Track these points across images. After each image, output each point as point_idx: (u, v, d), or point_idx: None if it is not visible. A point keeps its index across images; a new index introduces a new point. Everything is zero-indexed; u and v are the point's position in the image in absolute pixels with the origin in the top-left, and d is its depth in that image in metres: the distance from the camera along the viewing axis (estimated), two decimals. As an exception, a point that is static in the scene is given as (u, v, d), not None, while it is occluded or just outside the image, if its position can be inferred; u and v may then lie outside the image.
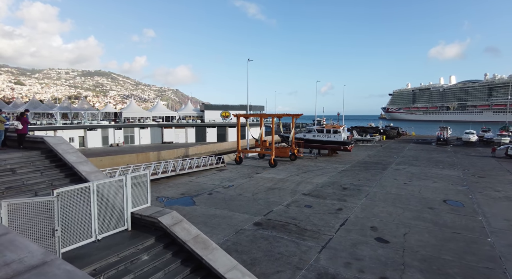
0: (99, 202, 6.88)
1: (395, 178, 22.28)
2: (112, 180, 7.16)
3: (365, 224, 12.93)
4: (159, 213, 7.35)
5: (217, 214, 14.50)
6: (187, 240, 6.77)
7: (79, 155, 9.48)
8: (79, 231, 6.52)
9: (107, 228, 7.07)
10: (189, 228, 7.13)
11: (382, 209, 15.01)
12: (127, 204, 7.41)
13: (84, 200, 6.60)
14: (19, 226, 5.47)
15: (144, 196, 7.94)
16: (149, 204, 8.03)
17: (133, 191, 7.60)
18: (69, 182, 8.91)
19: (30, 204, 5.49)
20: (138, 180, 7.77)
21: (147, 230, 7.47)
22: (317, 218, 13.79)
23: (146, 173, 7.92)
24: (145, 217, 7.33)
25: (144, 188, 7.95)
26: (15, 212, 5.41)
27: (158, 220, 7.06)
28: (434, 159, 31.16)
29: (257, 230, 12.30)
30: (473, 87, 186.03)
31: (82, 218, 6.59)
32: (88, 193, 6.67)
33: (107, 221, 7.07)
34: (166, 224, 7.02)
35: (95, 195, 6.74)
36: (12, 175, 8.37)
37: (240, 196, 17.65)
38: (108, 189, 7.10)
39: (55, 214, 5.73)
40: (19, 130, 10.42)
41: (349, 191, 18.62)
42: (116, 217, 7.28)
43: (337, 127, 33.57)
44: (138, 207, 7.75)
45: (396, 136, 59.02)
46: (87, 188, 6.65)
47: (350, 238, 11.45)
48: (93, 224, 6.74)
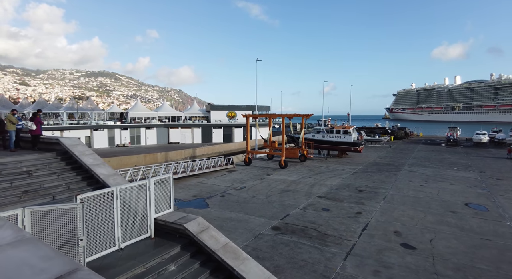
0: (122, 208, 6.47)
1: (410, 180, 21.72)
2: (135, 184, 6.75)
3: (388, 229, 12.44)
4: (184, 220, 6.93)
5: (233, 217, 14.08)
6: (216, 249, 6.34)
7: (96, 157, 9.09)
8: (102, 239, 6.12)
9: (130, 236, 6.66)
10: (216, 235, 6.70)
11: (403, 212, 14.50)
12: (150, 209, 7.00)
13: (107, 206, 6.20)
14: (42, 234, 5.07)
15: (166, 201, 7.53)
16: (172, 209, 7.62)
17: (156, 196, 7.19)
18: (86, 186, 8.53)
19: (53, 211, 5.09)
20: (161, 183, 7.36)
21: (171, 237, 7.06)
22: (336, 222, 13.32)
23: (169, 176, 7.51)
24: (170, 224, 6.91)
25: (166, 192, 7.54)
26: (38, 219, 5.02)
27: (184, 227, 6.64)
28: (446, 160, 30.51)
29: (276, 235, 11.86)
30: (478, 88, 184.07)
31: (105, 225, 6.19)
32: (111, 198, 6.27)
33: (130, 228, 6.67)
34: (193, 231, 6.60)
35: (118, 201, 6.34)
36: (28, 178, 8.00)
37: (253, 198, 17.21)
38: (130, 194, 6.69)
39: (80, 221, 5.32)
40: (32, 131, 10.07)
41: (365, 193, 18.11)
42: (139, 223, 6.87)
43: (347, 128, 33.03)
44: (161, 212, 7.34)
45: (404, 137, 58.27)
46: (110, 193, 6.25)
47: (374, 244, 10.97)
48: (116, 231, 6.33)
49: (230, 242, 6.68)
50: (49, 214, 5.06)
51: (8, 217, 4.70)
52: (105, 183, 8.23)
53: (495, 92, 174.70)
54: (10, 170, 8.05)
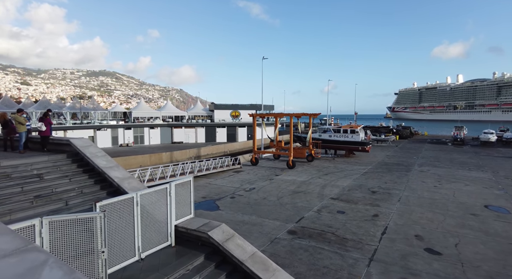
0: (142, 215, 6.03)
1: (422, 180, 21.24)
2: (156, 189, 6.31)
3: (408, 232, 11.98)
4: (207, 227, 6.48)
5: (246, 220, 13.64)
6: (243, 259, 5.89)
7: (109, 159, 8.65)
8: (121, 250, 5.68)
9: (150, 245, 6.22)
10: (243, 244, 6.26)
11: (421, 215, 14.03)
12: (171, 216, 6.56)
13: (126, 213, 5.76)
14: (60, 246, 4.64)
15: (187, 206, 7.09)
16: (193, 215, 7.17)
17: (177, 201, 6.75)
18: (99, 190, 8.10)
19: (73, 221, 4.64)
20: (181, 187, 6.91)
21: (193, 245, 6.62)
22: (354, 225, 12.86)
23: (190, 180, 7.07)
24: (192, 231, 6.47)
25: (187, 196, 7.10)
26: (56, 230, 4.58)
27: (208, 235, 6.20)
28: (456, 160, 29.99)
29: (293, 239, 11.41)
30: (481, 86, 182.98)
31: (125, 234, 5.75)
32: (131, 204, 5.82)
33: (150, 236, 6.23)
34: (218, 240, 6.15)
35: (138, 207, 5.90)
36: (39, 181, 7.57)
37: (264, 200, 16.77)
38: (150, 199, 6.25)
39: (101, 232, 4.88)
40: (42, 132, 9.63)
41: (379, 194, 17.65)
42: (159, 231, 6.43)
43: (355, 127, 32.53)
44: (182, 218, 6.89)
45: (409, 136, 57.77)
46: (130, 199, 5.81)
47: (397, 249, 10.51)
48: (136, 240, 5.89)
49: (258, 251, 6.24)
50: (68, 224, 4.62)
51: (25, 228, 4.26)
52: (120, 187, 7.79)
53: (498, 91, 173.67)
54: (21, 173, 7.62)
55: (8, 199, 6.67)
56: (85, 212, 6.53)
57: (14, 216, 6.27)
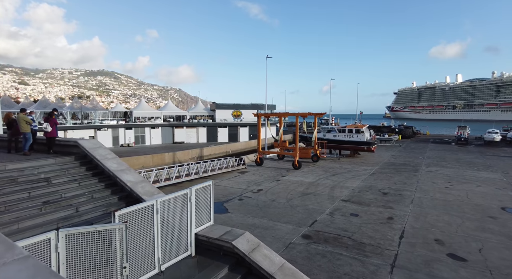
0: (162, 224, 5.56)
1: (432, 181, 20.85)
2: (176, 194, 5.84)
3: (427, 236, 11.56)
4: (230, 235, 6.02)
5: (257, 223, 13.18)
6: (272, 272, 5.43)
7: (119, 162, 8.17)
8: (140, 262, 5.20)
9: (170, 256, 5.76)
10: (270, 254, 5.80)
11: (437, 217, 13.62)
12: (191, 223, 6.10)
13: (146, 222, 5.29)
14: (77, 262, 4.16)
15: (206, 212, 6.63)
16: (212, 222, 6.71)
17: (197, 207, 6.28)
18: (110, 194, 7.62)
19: (91, 234, 4.17)
20: (201, 192, 6.45)
21: (214, 255, 6.15)
22: (369, 229, 12.43)
23: (209, 184, 6.60)
24: (214, 240, 6.00)
25: (206, 202, 6.64)
26: (73, 243, 4.10)
27: (232, 244, 5.73)
28: (463, 160, 29.65)
29: (308, 244, 10.96)
30: (480, 86, 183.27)
31: (144, 245, 5.28)
32: (151, 213, 5.35)
33: (170, 246, 5.76)
34: (243, 250, 5.69)
35: (158, 216, 5.43)
36: (47, 186, 7.08)
37: (273, 202, 16.31)
38: (169, 206, 5.77)
39: (121, 245, 4.40)
40: (48, 133, 9.13)
41: (390, 196, 17.24)
42: (179, 240, 5.96)
43: (360, 127, 32.13)
44: (201, 226, 6.43)
45: (411, 135, 57.47)
46: (150, 207, 5.34)
47: (418, 254, 10.09)
48: (156, 251, 5.42)
49: (286, 262, 5.78)
50: (87, 237, 4.14)
51: (39, 243, 3.78)
52: (133, 192, 7.31)
53: (497, 90, 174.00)
54: (28, 177, 7.13)
55: (15, 205, 6.18)
56: (99, 220, 6.06)
57: (22, 224, 5.79)
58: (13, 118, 9.50)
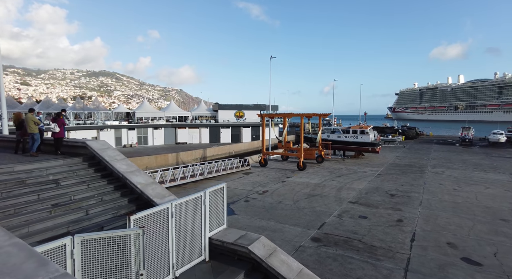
0: (177, 228, 5.38)
1: (439, 182, 20.62)
2: (190, 197, 5.66)
3: (439, 240, 11.34)
4: (246, 240, 5.84)
5: (264, 226, 12.98)
6: (291, 278, 5.23)
7: (129, 163, 8.01)
8: (155, 268, 5.03)
9: (184, 261, 5.58)
10: (287, 260, 5.61)
11: (447, 220, 13.40)
12: (205, 227, 5.92)
13: (161, 226, 5.11)
14: (92, 269, 3.99)
15: (220, 216, 6.45)
16: (226, 225, 6.53)
17: (210, 210, 6.10)
18: (120, 196, 7.45)
19: (107, 240, 3.99)
20: (214, 194, 6.27)
21: (228, 260, 5.98)
22: (379, 231, 12.22)
23: (223, 186, 6.42)
24: (228, 245, 5.82)
25: (219, 205, 6.46)
26: (89, 249, 3.93)
27: (249, 249, 5.55)
28: (469, 161, 29.38)
29: (318, 248, 10.77)
30: (482, 87, 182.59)
31: (159, 250, 5.10)
32: (166, 217, 5.18)
33: (184, 251, 5.59)
34: (260, 255, 5.51)
35: (173, 219, 5.25)
36: (56, 188, 6.92)
37: (280, 204, 16.12)
38: (184, 210, 5.60)
39: (138, 251, 4.23)
40: (55, 133, 8.98)
41: (398, 198, 17.02)
42: (193, 245, 5.78)
43: (364, 128, 31.91)
44: (215, 230, 6.25)
45: (415, 136, 57.18)
46: (165, 210, 5.16)
47: (431, 258, 9.87)
48: (170, 257, 5.24)
49: (304, 267, 5.60)
50: (102, 243, 3.97)
51: (55, 249, 3.61)
52: (143, 194, 7.15)
53: (499, 91, 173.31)
54: (36, 179, 6.97)
55: (24, 208, 6.02)
56: (109, 223, 5.89)
57: (32, 227, 5.63)
58: (22, 119, 9.35)
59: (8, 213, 5.70)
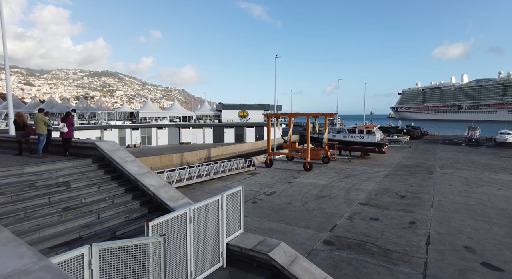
0: (194, 233, 5.13)
1: (449, 183, 20.26)
2: (208, 201, 5.40)
3: (455, 243, 11.02)
4: (265, 246, 5.57)
5: (274, 228, 12.72)
6: (315, 286, 4.96)
7: (140, 164, 7.77)
8: (173, 276, 4.77)
9: (202, 268, 5.33)
10: (310, 267, 5.35)
11: (462, 222, 13.07)
12: (222, 232, 5.67)
13: (178, 232, 4.86)
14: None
15: (236, 220, 6.20)
16: (242, 230, 6.27)
17: (227, 214, 5.85)
18: (131, 199, 7.21)
19: (127, 248, 3.74)
20: (231, 198, 6.02)
21: (246, 266, 5.72)
22: (392, 234, 11.92)
23: (240, 189, 6.17)
24: (247, 251, 5.56)
25: (236, 209, 6.21)
26: (107, 259, 3.68)
27: (269, 256, 5.29)
28: (477, 162, 28.95)
29: (331, 251, 10.49)
30: (486, 86, 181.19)
31: (176, 257, 4.85)
32: (184, 222, 4.93)
33: (202, 258, 5.34)
34: (282, 262, 5.24)
35: (191, 225, 5.00)
36: (67, 190, 6.69)
37: (289, 205, 15.85)
38: (201, 214, 5.34)
39: (159, 260, 3.97)
40: (64, 134, 8.75)
41: (408, 199, 16.70)
42: (211, 251, 5.53)
43: (371, 128, 31.56)
44: (232, 235, 5.99)
45: (420, 136, 56.68)
46: (183, 215, 4.91)
47: (449, 263, 9.56)
48: (188, 264, 5.00)
49: (328, 275, 5.32)
50: (122, 252, 3.72)
51: (72, 259, 3.36)
52: (156, 197, 6.90)
53: (503, 90, 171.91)
54: (46, 181, 6.75)
55: (35, 211, 5.80)
56: (122, 227, 5.66)
57: (43, 232, 5.40)
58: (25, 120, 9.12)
59: (19, 217, 5.48)
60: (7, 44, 15.61)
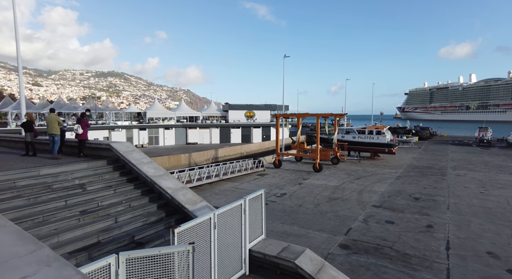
0: (218, 239, 4.91)
1: (464, 185, 19.77)
2: (232, 206, 5.19)
3: (477, 248, 10.64)
4: (290, 253, 5.33)
5: (287, 231, 12.47)
6: (345, 296, 4.71)
7: (156, 166, 7.59)
8: (197, 284, 4.55)
9: (225, 275, 5.12)
10: (338, 276, 5.12)
11: (481, 226, 12.66)
12: (245, 238, 5.45)
13: (203, 239, 4.64)
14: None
15: (258, 225, 5.97)
16: (264, 235, 6.04)
17: (250, 219, 5.62)
18: (148, 202, 7.04)
19: (154, 258, 3.54)
20: (253, 202, 5.79)
21: (270, 274, 5.50)
22: (410, 238, 11.59)
23: (261, 193, 5.94)
24: (271, 258, 5.33)
25: (258, 213, 5.98)
26: (134, 268, 3.48)
27: (296, 264, 5.05)
28: (491, 163, 28.29)
29: (348, 255, 10.20)
30: (495, 86, 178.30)
31: (200, 265, 4.63)
32: (208, 228, 4.71)
33: (225, 265, 5.13)
34: (309, 270, 5.01)
35: (216, 231, 4.78)
36: (83, 193, 6.54)
37: (300, 207, 15.58)
38: (225, 219, 5.13)
39: (185, 271, 3.76)
40: (79, 135, 8.63)
41: (423, 201, 16.30)
42: (234, 258, 5.32)
43: (380, 128, 31.09)
44: (254, 241, 5.76)
45: (428, 137, 55.84)
46: (207, 221, 4.70)
47: (473, 269, 9.21)
48: (212, 272, 4.79)
49: (357, 284, 5.06)
50: (149, 261, 3.52)
51: (100, 269, 3.17)
52: (174, 199, 6.72)
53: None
54: (62, 183, 6.61)
55: (53, 215, 5.65)
56: (140, 232, 5.48)
57: (62, 237, 5.24)
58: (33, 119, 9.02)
59: (37, 220, 5.33)
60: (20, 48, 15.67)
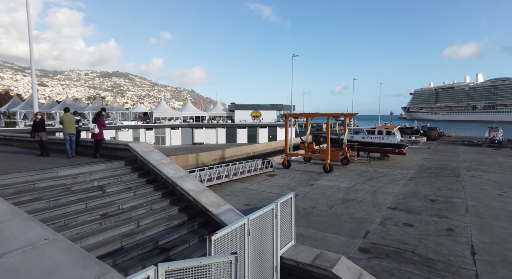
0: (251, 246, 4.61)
1: (480, 187, 19.27)
2: (264, 211, 4.89)
3: (505, 254, 10.22)
4: (325, 261, 5.02)
5: (304, 234, 12.12)
6: (389, 309, 4.37)
7: (176, 167, 7.33)
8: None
9: (257, 284, 4.79)
10: (378, 285, 4.74)
11: (506, 230, 12.21)
12: (276, 244, 5.13)
13: (237, 246, 4.34)
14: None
15: (288, 230, 5.66)
16: (294, 241, 5.72)
17: (281, 224, 5.31)
18: (169, 205, 6.77)
19: (195, 269, 3.25)
20: (283, 206, 5.48)
21: (302, 281, 5.16)
22: (431, 242, 11.19)
23: (291, 197, 5.62)
24: (305, 266, 5.01)
25: (287, 218, 5.67)
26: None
27: (332, 273, 4.74)
28: (505, 164, 27.67)
29: (370, 260, 9.84)
30: (503, 86, 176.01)
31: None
32: (242, 234, 4.41)
33: (257, 273, 4.81)
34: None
35: (249, 237, 4.48)
36: (103, 195, 6.29)
37: (314, 209, 15.23)
38: (257, 225, 4.82)
39: (227, 280, 3.46)
40: (95, 135, 8.40)
41: (440, 204, 15.87)
42: (265, 265, 5.01)
43: (390, 128, 30.61)
44: (284, 247, 5.45)
45: (437, 137, 55.08)
46: (241, 227, 4.40)
47: (504, 277, 8.80)
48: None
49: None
50: (188, 273, 3.22)
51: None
52: (196, 202, 6.43)
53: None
54: (81, 185, 6.36)
55: (74, 219, 5.40)
56: (163, 236, 5.20)
57: (84, 242, 4.99)
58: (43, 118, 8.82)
59: (58, 224, 5.09)
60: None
